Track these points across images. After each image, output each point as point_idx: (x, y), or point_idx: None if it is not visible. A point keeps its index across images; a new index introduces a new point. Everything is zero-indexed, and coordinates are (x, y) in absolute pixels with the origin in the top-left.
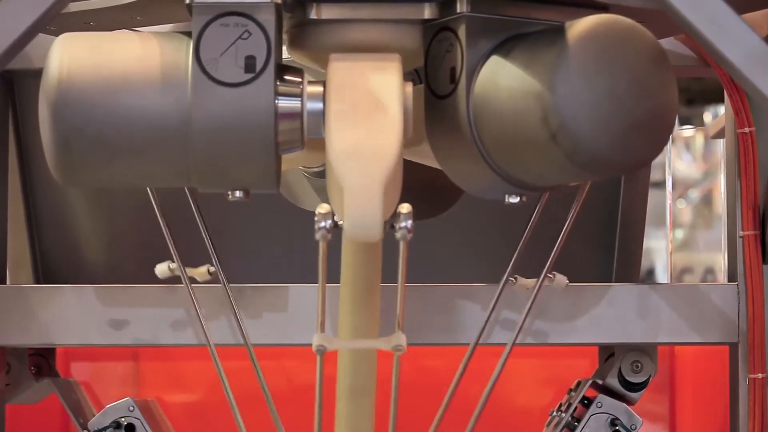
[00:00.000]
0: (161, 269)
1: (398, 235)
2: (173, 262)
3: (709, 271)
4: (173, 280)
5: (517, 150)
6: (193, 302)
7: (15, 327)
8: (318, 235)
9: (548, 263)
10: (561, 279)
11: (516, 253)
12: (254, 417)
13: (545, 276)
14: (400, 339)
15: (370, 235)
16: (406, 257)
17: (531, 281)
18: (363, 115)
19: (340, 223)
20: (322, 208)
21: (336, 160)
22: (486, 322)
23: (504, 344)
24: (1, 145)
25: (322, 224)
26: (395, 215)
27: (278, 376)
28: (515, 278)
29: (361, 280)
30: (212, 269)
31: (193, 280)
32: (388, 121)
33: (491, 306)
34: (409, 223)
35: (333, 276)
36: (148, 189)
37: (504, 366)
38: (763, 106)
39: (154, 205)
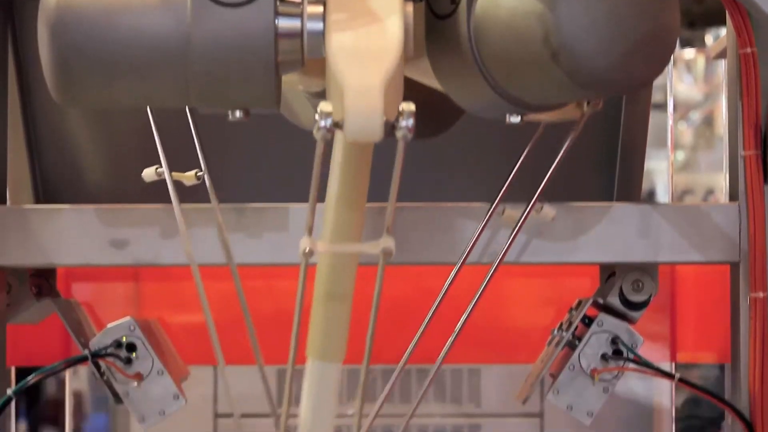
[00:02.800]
0: (148, 173)
1: (399, 134)
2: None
3: (710, 192)
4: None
5: (518, 69)
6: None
7: (15, 247)
8: (317, 135)
9: (536, 193)
10: (548, 210)
11: (510, 176)
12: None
13: (532, 207)
14: (389, 242)
15: (370, 135)
16: (402, 160)
17: (517, 213)
18: (363, 24)
19: (340, 122)
20: (325, 107)
21: (336, 62)
22: (474, 243)
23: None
24: (0, 67)
25: (323, 123)
26: (397, 114)
27: (277, 295)
28: (503, 209)
29: (348, 183)
30: (200, 174)
31: (183, 190)
32: (388, 27)
33: (480, 228)
34: (410, 122)
35: None
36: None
37: (487, 286)
38: (764, 24)
39: (152, 122)
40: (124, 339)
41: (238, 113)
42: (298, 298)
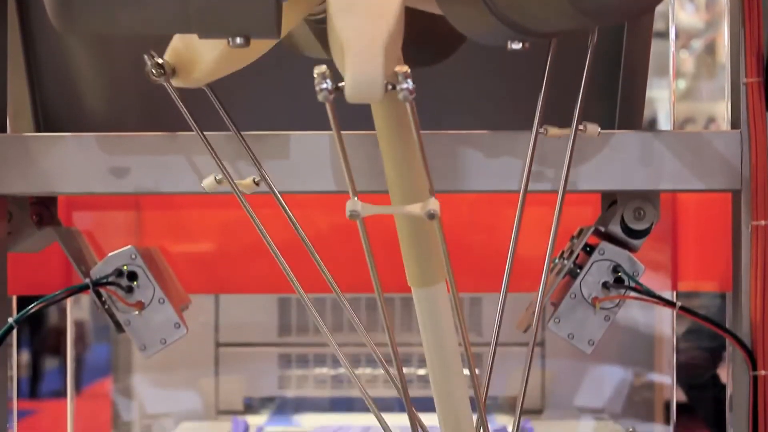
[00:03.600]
0: (208, 183)
1: (400, 96)
2: (219, 174)
3: (712, 120)
4: (174, 128)
5: None
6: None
7: (16, 175)
8: (320, 97)
9: (576, 111)
10: (593, 128)
11: (539, 102)
12: (255, 266)
13: (576, 127)
14: (433, 204)
15: (371, 96)
16: (416, 118)
17: (563, 130)
18: None
19: (341, 85)
20: (319, 69)
21: (337, 16)
22: (528, 170)
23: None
24: None
25: (323, 86)
26: (395, 76)
27: (278, 224)
28: (545, 129)
29: (392, 143)
30: (257, 179)
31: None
32: None
33: (529, 154)
34: (410, 83)
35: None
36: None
37: (560, 215)
38: None
39: (178, 103)
40: (125, 267)
41: (238, 40)
42: (368, 257)
